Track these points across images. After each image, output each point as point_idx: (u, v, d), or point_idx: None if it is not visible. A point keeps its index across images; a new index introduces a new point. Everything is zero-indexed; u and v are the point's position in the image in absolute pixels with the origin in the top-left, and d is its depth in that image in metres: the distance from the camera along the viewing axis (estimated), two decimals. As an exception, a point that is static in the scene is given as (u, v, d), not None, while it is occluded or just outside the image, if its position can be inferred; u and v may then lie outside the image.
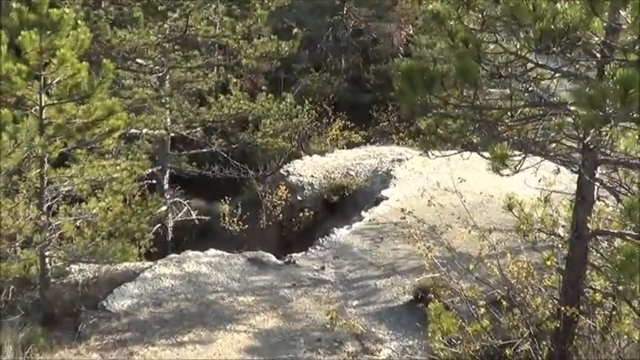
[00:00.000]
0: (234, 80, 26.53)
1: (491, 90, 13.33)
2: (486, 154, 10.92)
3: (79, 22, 16.37)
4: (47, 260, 15.67)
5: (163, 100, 23.88)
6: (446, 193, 15.75)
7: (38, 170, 15.54)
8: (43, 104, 15.84)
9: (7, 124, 14.81)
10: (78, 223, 15.87)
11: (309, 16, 34.35)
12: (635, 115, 9.28)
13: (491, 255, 13.10)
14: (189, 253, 17.11)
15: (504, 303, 11.83)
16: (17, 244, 14.37)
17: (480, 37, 10.89)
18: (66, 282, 16.09)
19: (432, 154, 13.25)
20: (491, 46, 11.19)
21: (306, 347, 13.67)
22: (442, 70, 11.03)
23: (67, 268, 16.21)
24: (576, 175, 11.66)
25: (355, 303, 15.17)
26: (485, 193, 18.30)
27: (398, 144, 26.61)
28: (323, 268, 16.60)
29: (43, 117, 15.76)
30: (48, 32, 15.59)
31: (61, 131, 15.90)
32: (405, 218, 14.98)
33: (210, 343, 13.73)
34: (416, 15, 32.85)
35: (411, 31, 33.07)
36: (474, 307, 11.85)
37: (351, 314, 14.13)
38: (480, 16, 10.98)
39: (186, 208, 24.08)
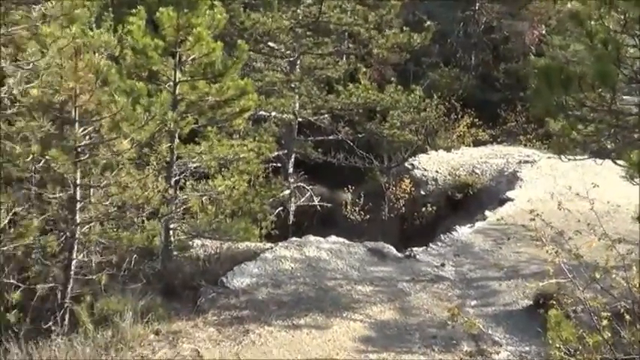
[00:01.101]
0: (364, 70, 26.54)
1: (625, 97, 12.96)
2: (620, 162, 10.58)
3: (216, 2, 16.59)
4: (171, 233, 15.96)
5: (293, 85, 24.04)
6: (574, 199, 15.35)
7: (169, 144, 15.83)
8: (177, 80, 16.10)
9: (141, 97, 15.11)
10: (203, 199, 16.09)
11: (440, 9, 33.91)
12: None
13: (618, 266, 12.70)
14: (311, 237, 17.14)
15: (627, 317, 11.45)
16: (144, 214, 14.64)
17: (621, 40, 10.59)
18: (187, 256, 16.36)
19: (565, 158, 12.95)
20: (631, 50, 10.88)
21: (421, 343, 13.53)
22: (579, 71, 10.77)
23: (190, 242, 16.48)
24: None
25: (473, 303, 14.95)
26: (612, 202, 17.78)
27: (525, 145, 26.13)
28: (443, 264, 16.41)
29: (176, 93, 16.02)
30: (185, 10, 15.86)
31: (193, 108, 16.17)
32: (533, 220, 14.60)
33: (325, 329, 13.71)
34: (550, 15, 32.13)
35: (544, 31, 32.39)
36: (596, 318, 11.51)
37: (468, 314, 13.90)
38: (621, 17, 10.69)
39: (309, 193, 24.15)
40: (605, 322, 11.30)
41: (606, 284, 12.90)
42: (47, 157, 13.29)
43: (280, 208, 22.49)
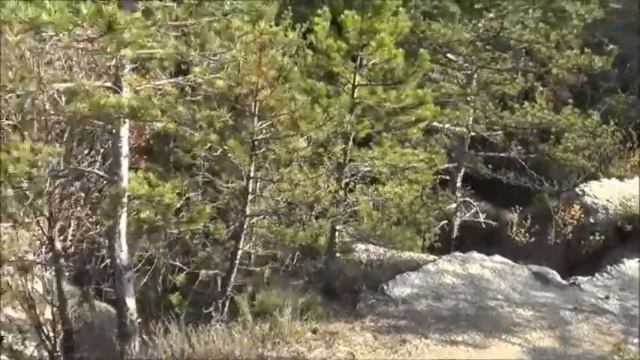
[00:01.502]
0: (540, 89, 26.02)
1: None
2: None
3: (400, 9, 16.59)
4: (336, 234, 16.04)
5: (468, 99, 23.78)
6: None
7: (343, 146, 15.91)
8: (356, 83, 16.18)
9: (320, 97, 15.27)
10: (371, 204, 16.11)
11: (620, 32, 32.79)
12: None
13: None
14: (475, 254, 16.93)
15: None
16: (313, 213, 14.77)
17: None
18: (350, 258, 16.39)
19: None
20: None
21: None
22: None
23: (353, 246, 16.52)
24: None
25: (636, 341, 14.40)
26: None
27: None
28: (607, 297, 15.90)
29: (355, 96, 16.08)
30: (369, 15, 15.90)
31: (370, 113, 16.24)
32: None
33: (483, 349, 13.49)
34: None
35: None
36: None
37: (630, 351, 13.41)
38: None
39: (474, 209, 23.81)
40: None
41: None
42: (225, 147, 13.55)
43: (445, 221, 22.26)
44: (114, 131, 12.61)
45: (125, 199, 12.24)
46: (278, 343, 12.58)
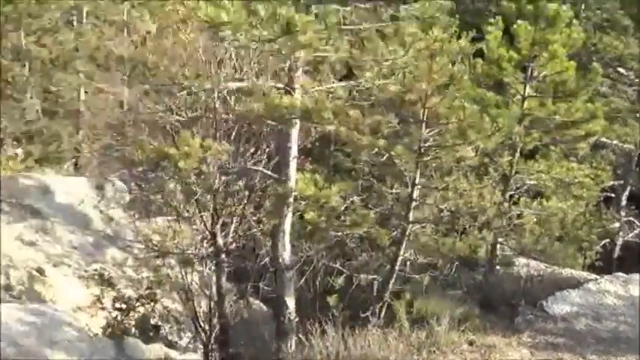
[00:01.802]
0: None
1: None
2: None
3: (573, 20, 16.31)
4: (498, 247, 15.89)
5: (638, 115, 23.19)
6: None
7: (509, 158, 15.76)
8: (525, 95, 16.01)
9: (490, 107, 15.15)
10: (534, 218, 15.89)
11: None
12: None
13: None
14: (637, 276, 16.46)
15: None
16: (476, 223, 14.67)
17: None
18: (509, 272, 16.22)
19: None
20: None
21: None
22: None
23: (514, 259, 16.35)
24: None
25: None
26: None
27: None
28: None
29: (524, 107, 15.91)
30: (542, 26, 15.70)
31: (539, 125, 16.02)
32: None
33: (642, 376, 13.16)
34: None
35: None
36: None
37: None
38: None
39: (639, 229, 23.23)
40: None
41: None
42: (392, 152, 13.57)
43: (607, 240, 21.77)
44: (283, 131, 12.81)
45: (292, 200, 12.43)
46: (434, 352, 12.53)
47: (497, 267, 16.13)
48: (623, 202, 23.40)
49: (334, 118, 12.30)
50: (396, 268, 13.92)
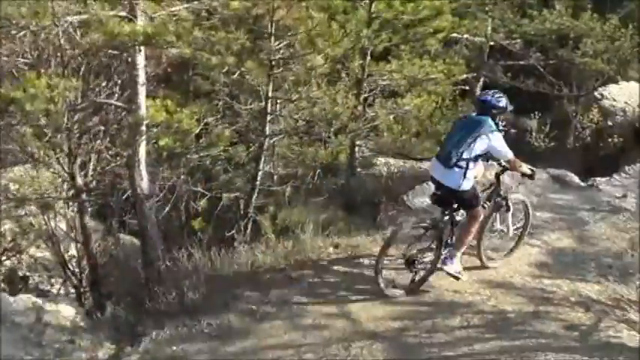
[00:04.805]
0: (559, -6, 25.91)
1: None
2: None
3: None
4: (356, 149, 16.22)
5: (487, 8, 23.75)
6: None
7: (360, 62, 16.02)
8: (372, -2, 16.26)
9: (337, 14, 15.33)
10: (390, 118, 16.25)
11: None
12: None
13: None
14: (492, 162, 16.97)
15: None
16: (332, 129, 14.94)
17: None
18: (370, 173, 16.48)
19: None
20: None
21: (596, 272, 13.22)
22: None
23: (374, 160, 16.66)
24: None
25: (653, 238, 14.59)
26: None
27: None
28: (625, 195, 15.96)
29: (372, 10, 16.13)
30: None
31: (388, 26, 16.24)
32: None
33: (502, 252, 13.65)
34: None
35: None
36: None
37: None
38: None
39: (494, 117, 23.94)
40: None
41: None
42: (242, 69, 13.69)
43: (464, 131, 22.40)
44: (129, 60, 12.75)
45: (144, 127, 12.46)
46: (301, 259, 12.75)
47: (358, 169, 16.47)
48: (478, 93, 24.03)
49: (178, 40, 12.33)
50: (258, 183, 14.09)
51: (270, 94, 14.06)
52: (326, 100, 14.37)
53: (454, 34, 21.95)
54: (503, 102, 10.85)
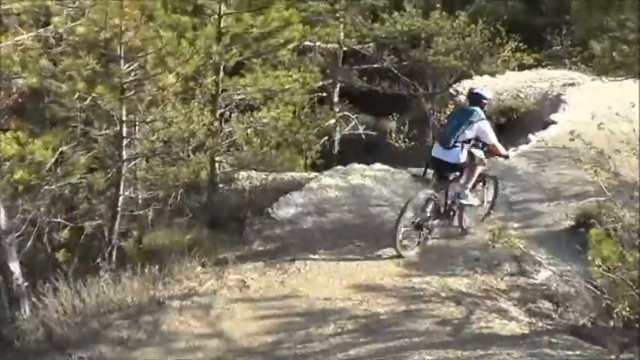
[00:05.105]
0: (408, -4, 26.44)
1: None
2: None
3: None
4: (217, 166, 16.17)
5: (338, 14, 24.03)
6: (617, 120, 15.20)
7: (213, 78, 15.99)
8: (221, 13, 16.20)
9: (186, 31, 15.26)
10: (248, 132, 16.27)
11: None
12: None
13: (661, 183, 12.66)
14: (355, 166, 17.08)
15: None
16: (190, 148, 14.86)
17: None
18: (233, 188, 16.48)
19: (605, 79, 12.91)
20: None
21: (464, 265, 13.55)
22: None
23: (235, 175, 16.66)
24: None
25: (516, 225, 14.90)
26: (661, 121, 17.51)
27: (570, 68, 25.72)
28: (487, 187, 16.39)
29: (221, 26, 16.12)
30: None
31: (238, 40, 16.26)
32: (572, 140, 14.71)
33: (370, 256, 13.79)
34: None
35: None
36: (636, 235, 11.53)
37: (511, 236, 13.90)
38: None
39: (353, 122, 24.25)
40: (644, 239, 11.33)
41: (649, 202, 12.92)
42: (94, 94, 13.47)
43: (325, 138, 22.59)
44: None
45: (-4, 163, 12.08)
46: (169, 283, 12.53)
47: (221, 185, 16.42)
48: (336, 99, 24.36)
49: (24, 70, 12.07)
50: (119, 208, 13.92)
51: (124, 118, 13.87)
52: (181, 119, 14.27)
53: (307, 43, 22.14)
54: (490, 94, 13.75)
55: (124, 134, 13.92)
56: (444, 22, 24.72)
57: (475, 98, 13.40)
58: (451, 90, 23.57)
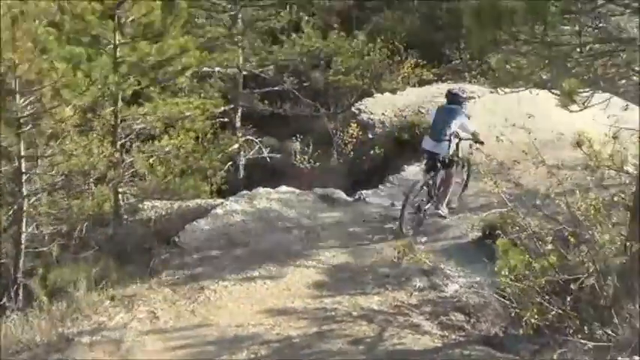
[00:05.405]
0: (307, 18, 26.55)
1: (563, 27, 13.09)
2: (556, 91, 10.81)
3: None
4: (120, 197, 16.00)
5: (236, 39, 24.07)
6: (517, 131, 15.47)
7: (112, 108, 15.84)
8: (117, 43, 16.08)
9: (81, 62, 15.09)
10: (151, 161, 16.15)
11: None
12: None
13: (561, 192, 12.94)
14: (260, 189, 17.03)
15: (572, 240, 11.69)
16: (91, 180, 14.68)
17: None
18: (138, 218, 16.31)
19: (502, 91, 13.13)
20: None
21: (374, 283, 13.61)
22: (511, 6, 10.90)
23: (140, 205, 16.50)
24: (645, 112, 11.50)
25: (424, 239, 15.07)
26: (556, 132, 17.84)
27: (470, 82, 26.08)
28: (393, 204, 16.46)
29: (117, 55, 16.01)
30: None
31: (135, 69, 16.19)
32: (472, 154, 15.08)
33: (279, 278, 13.69)
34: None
35: (480, -32, 32.18)
36: (541, 243, 11.74)
37: (419, 250, 14.03)
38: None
39: (257, 146, 24.20)
40: (550, 247, 11.57)
41: (552, 210, 13.20)
42: (-11, 131, 13.24)
43: (230, 163, 22.52)
44: None
45: None
46: (77, 319, 12.31)
47: (125, 216, 16.23)
48: (238, 124, 24.29)
49: None
50: (22, 246, 13.68)
51: (22, 153, 13.64)
52: (81, 151, 14.09)
53: (206, 68, 22.10)
54: (467, 93, 16.28)
55: (23, 170, 13.68)
56: (342, 42, 24.91)
57: (454, 98, 15.41)
58: (353, 109, 23.66)
